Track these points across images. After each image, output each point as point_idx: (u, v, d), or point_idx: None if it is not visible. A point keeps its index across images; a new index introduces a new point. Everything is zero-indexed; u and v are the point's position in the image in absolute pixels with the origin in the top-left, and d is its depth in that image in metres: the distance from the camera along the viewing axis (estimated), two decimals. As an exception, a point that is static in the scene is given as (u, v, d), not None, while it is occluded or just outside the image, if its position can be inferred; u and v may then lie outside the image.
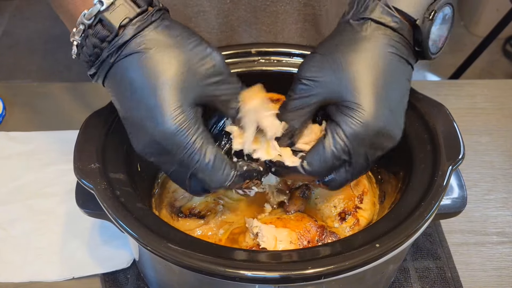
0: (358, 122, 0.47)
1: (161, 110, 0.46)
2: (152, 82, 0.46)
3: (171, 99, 0.46)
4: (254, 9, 0.79)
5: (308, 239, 0.57)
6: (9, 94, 0.89)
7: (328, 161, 0.49)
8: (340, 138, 0.48)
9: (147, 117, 0.46)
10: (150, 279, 0.63)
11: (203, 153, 0.47)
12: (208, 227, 0.60)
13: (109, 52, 0.47)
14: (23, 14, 2.46)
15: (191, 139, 0.46)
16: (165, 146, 0.47)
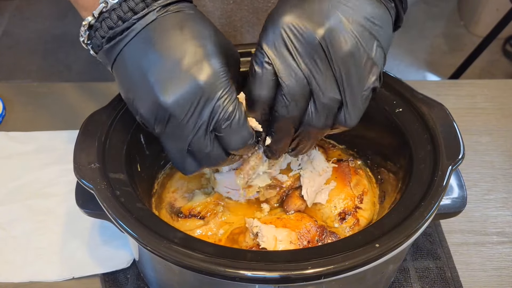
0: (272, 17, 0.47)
1: (205, 59, 0.46)
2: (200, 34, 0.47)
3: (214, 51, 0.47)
4: (255, 10, 0.79)
5: (308, 239, 0.57)
6: (9, 94, 0.89)
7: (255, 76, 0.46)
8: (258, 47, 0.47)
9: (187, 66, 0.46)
10: (150, 279, 0.63)
11: (237, 107, 0.47)
12: (208, 227, 0.60)
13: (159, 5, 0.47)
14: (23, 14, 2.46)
15: (228, 90, 0.46)
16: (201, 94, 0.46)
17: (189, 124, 0.47)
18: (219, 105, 0.46)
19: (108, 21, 0.48)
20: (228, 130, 0.47)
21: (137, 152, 0.60)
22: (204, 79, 0.45)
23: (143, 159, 0.61)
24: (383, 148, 0.64)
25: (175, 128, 0.47)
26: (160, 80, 0.46)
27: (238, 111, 0.47)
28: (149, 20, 0.47)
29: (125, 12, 0.47)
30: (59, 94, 0.90)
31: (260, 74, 0.46)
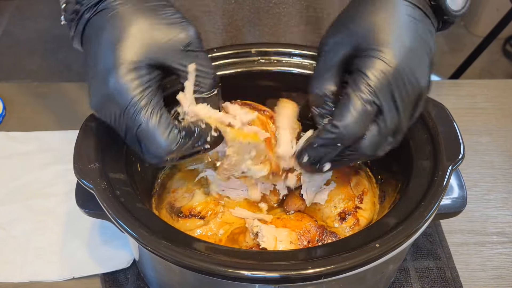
0: (379, 60, 0.47)
1: (115, 63, 0.46)
2: (115, 35, 0.47)
3: (126, 54, 0.46)
4: (257, 10, 0.80)
5: (308, 239, 0.57)
6: (9, 94, 0.89)
7: (358, 107, 0.47)
8: (363, 81, 0.47)
9: (103, 70, 0.47)
10: (150, 279, 0.63)
11: (148, 113, 0.47)
12: (208, 227, 0.60)
13: (87, 7, 0.48)
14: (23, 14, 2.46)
15: (136, 96, 0.46)
16: (113, 101, 0.47)
17: (118, 128, 0.49)
18: (128, 114, 0.46)
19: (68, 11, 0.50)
20: (143, 139, 0.47)
21: (137, 152, 0.60)
22: (110, 89, 0.46)
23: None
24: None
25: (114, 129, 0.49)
26: (89, 85, 0.50)
27: (153, 118, 0.46)
28: (83, 24, 0.49)
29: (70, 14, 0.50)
30: (59, 94, 0.90)
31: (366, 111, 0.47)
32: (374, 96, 0.47)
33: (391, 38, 0.48)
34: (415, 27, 0.49)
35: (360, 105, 0.47)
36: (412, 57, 0.48)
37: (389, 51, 0.47)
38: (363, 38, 0.49)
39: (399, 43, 0.48)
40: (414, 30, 0.49)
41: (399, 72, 0.47)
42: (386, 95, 0.47)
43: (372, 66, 0.47)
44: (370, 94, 0.47)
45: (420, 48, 0.49)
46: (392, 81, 0.47)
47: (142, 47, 0.47)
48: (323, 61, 0.52)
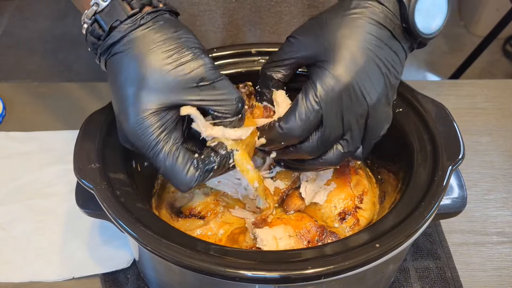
0: (329, 74, 0.50)
1: (129, 110, 0.48)
2: (128, 81, 0.48)
3: (139, 100, 0.47)
4: (258, 9, 0.80)
5: (308, 239, 0.57)
6: (9, 94, 0.89)
7: (302, 114, 0.50)
8: (312, 91, 0.50)
9: (121, 114, 0.49)
10: (150, 279, 0.63)
11: (165, 155, 0.48)
12: (208, 227, 0.60)
13: (101, 50, 0.49)
14: (23, 14, 2.46)
15: (153, 141, 0.48)
16: (134, 143, 0.49)
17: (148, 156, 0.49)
18: (147, 157, 0.48)
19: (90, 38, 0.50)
20: (166, 176, 0.49)
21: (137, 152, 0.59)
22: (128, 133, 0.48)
23: (143, 159, 0.61)
24: (383, 148, 0.64)
25: None
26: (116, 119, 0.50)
27: (168, 159, 0.48)
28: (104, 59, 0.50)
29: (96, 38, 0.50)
30: (59, 94, 0.90)
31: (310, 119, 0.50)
32: (319, 107, 0.50)
33: (346, 55, 0.50)
34: (375, 47, 0.51)
35: (305, 113, 0.50)
36: (362, 76, 0.50)
37: (341, 67, 0.50)
38: (323, 50, 0.51)
39: (352, 61, 0.50)
40: (372, 50, 0.51)
41: (346, 88, 0.50)
42: (330, 108, 0.50)
43: (322, 79, 0.50)
44: (316, 104, 0.50)
45: (374, 68, 0.51)
46: (338, 96, 0.50)
47: (156, 93, 0.47)
48: (285, 50, 0.56)
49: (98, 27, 0.49)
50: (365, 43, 0.50)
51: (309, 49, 0.53)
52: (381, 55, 0.51)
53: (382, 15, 0.51)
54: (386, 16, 0.51)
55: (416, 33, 0.52)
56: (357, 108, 0.51)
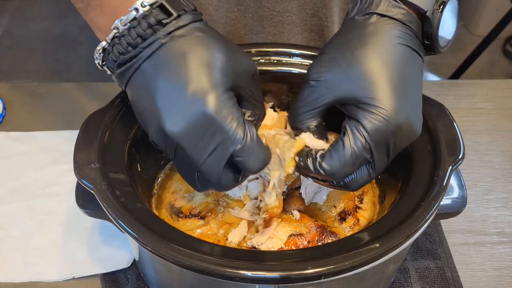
0: (380, 117, 0.46)
1: (212, 84, 0.45)
2: (205, 58, 0.46)
3: (221, 77, 0.46)
4: (260, 18, 0.79)
5: (308, 239, 0.57)
6: (9, 94, 0.89)
7: (348, 160, 0.47)
8: (361, 135, 0.47)
9: (195, 92, 0.45)
10: (150, 279, 0.63)
11: (249, 128, 0.47)
12: (208, 227, 0.60)
13: (164, 32, 0.46)
14: (23, 14, 2.46)
15: (235, 115, 0.46)
16: (209, 121, 0.45)
17: (198, 153, 0.46)
18: (227, 132, 0.45)
19: (119, 47, 0.48)
20: (244, 153, 0.46)
21: (137, 152, 0.60)
22: (210, 109, 0.45)
23: (143, 159, 0.61)
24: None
25: (184, 155, 0.47)
26: (165, 109, 0.46)
27: (249, 132, 0.46)
28: (154, 48, 0.46)
29: (133, 39, 0.47)
30: (59, 94, 0.90)
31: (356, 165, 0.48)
32: (369, 150, 0.47)
33: (389, 86, 0.47)
34: (413, 71, 0.49)
35: (351, 159, 0.47)
36: (410, 110, 0.48)
37: (388, 101, 0.46)
38: (358, 87, 0.47)
39: (395, 95, 0.47)
40: (411, 75, 0.49)
41: (398, 127, 0.47)
42: (380, 148, 0.48)
43: (370, 117, 0.47)
44: (366, 151, 0.47)
45: (417, 96, 0.49)
46: (389, 137, 0.47)
47: (228, 72, 0.47)
48: (310, 98, 0.50)
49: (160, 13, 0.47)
50: (402, 70, 0.48)
51: (340, 90, 0.48)
52: (417, 78, 0.50)
53: (408, 36, 0.49)
54: (411, 37, 0.49)
55: (437, 49, 0.51)
56: (405, 140, 0.49)
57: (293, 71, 0.67)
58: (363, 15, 0.50)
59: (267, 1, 0.77)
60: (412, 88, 0.49)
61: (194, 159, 0.47)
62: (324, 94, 0.49)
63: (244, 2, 0.77)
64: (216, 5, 0.77)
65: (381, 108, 0.46)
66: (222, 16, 0.78)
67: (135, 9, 0.47)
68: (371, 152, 0.47)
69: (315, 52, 0.67)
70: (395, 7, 0.49)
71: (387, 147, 0.48)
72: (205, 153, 0.46)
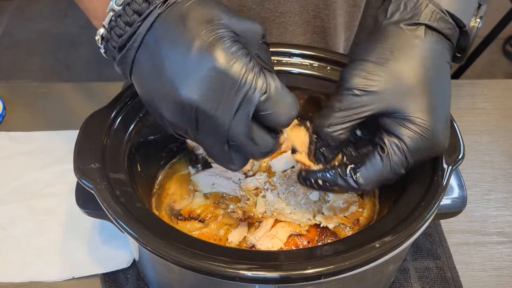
0: (420, 135, 0.46)
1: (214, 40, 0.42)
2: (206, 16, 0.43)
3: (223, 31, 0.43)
4: (263, 20, 0.79)
5: (308, 239, 0.57)
6: (9, 94, 0.89)
7: (385, 175, 0.47)
8: (401, 152, 0.47)
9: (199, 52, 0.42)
10: (150, 279, 0.63)
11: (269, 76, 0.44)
12: (208, 229, 0.60)
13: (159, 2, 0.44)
14: (23, 14, 2.46)
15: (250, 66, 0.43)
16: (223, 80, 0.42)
17: (222, 115, 0.43)
18: (247, 84, 0.42)
19: (117, 29, 0.45)
20: (271, 104, 0.43)
21: (137, 152, 0.60)
22: (219, 63, 0.42)
23: (143, 159, 0.61)
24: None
25: (207, 123, 0.44)
26: (176, 76, 0.43)
27: (271, 80, 0.43)
28: (151, 20, 0.44)
29: (130, 16, 0.45)
30: (59, 94, 0.90)
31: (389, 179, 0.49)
32: (406, 167, 0.48)
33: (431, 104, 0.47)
34: (448, 89, 0.49)
35: (390, 171, 0.48)
36: (445, 126, 0.48)
37: (428, 119, 0.47)
38: (405, 103, 0.47)
39: (437, 112, 0.47)
40: (447, 92, 0.49)
41: (434, 144, 0.48)
42: (413, 163, 0.48)
43: (412, 134, 0.47)
44: (403, 165, 0.48)
45: (448, 113, 0.49)
46: (425, 152, 0.48)
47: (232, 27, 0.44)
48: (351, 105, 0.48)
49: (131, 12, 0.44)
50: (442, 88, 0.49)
51: (386, 102, 0.47)
52: (449, 95, 0.50)
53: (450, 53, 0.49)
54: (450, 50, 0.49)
55: (463, 61, 0.51)
56: (433, 155, 0.50)
57: (293, 71, 0.67)
58: (410, 24, 0.48)
59: (269, 3, 0.77)
60: (447, 105, 0.49)
61: (219, 124, 0.43)
62: (369, 105, 0.47)
63: (246, 4, 0.77)
64: None
65: (422, 126, 0.46)
66: None
67: None
68: (407, 168, 0.48)
69: (315, 52, 0.67)
70: (443, 21, 0.48)
71: (420, 158, 0.48)
72: (230, 114, 0.43)
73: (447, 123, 0.49)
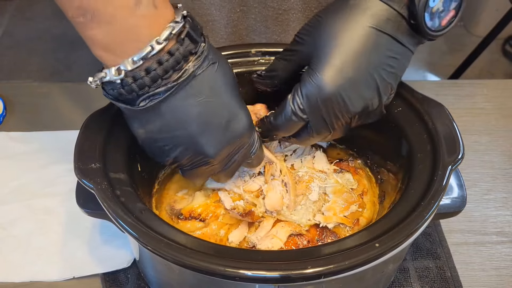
0: (313, 83, 0.51)
1: (244, 109, 0.52)
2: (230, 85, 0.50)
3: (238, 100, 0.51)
4: (265, 18, 0.79)
5: (308, 239, 0.57)
6: (10, 94, 0.89)
7: (288, 116, 0.53)
8: (298, 96, 0.52)
9: (233, 115, 0.50)
10: (150, 279, 0.63)
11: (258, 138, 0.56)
12: (208, 228, 0.60)
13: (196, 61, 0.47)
14: (23, 14, 2.46)
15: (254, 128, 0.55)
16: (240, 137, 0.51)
17: (220, 165, 0.52)
18: (251, 144, 0.54)
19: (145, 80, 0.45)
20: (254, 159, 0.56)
21: (138, 152, 0.60)
22: (246, 129, 0.51)
23: (143, 159, 0.61)
24: (383, 148, 0.64)
25: (204, 168, 0.52)
26: (203, 134, 0.49)
27: (258, 142, 0.55)
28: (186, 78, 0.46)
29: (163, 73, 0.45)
30: (59, 94, 0.90)
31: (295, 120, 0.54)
32: (303, 112, 0.52)
33: (336, 64, 0.50)
34: (370, 55, 0.51)
35: (290, 115, 0.53)
36: (348, 86, 0.51)
37: (327, 76, 0.50)
38: (317, 50, 0.52)
39: (340, 71, 0.50)
40: (366, 57, 0.50)
41: (329, 98, 0.51)
42: (314, 112, 0.52)
43: (307, 87, 0.51)
44: (300, 111, 0.52)
45: (364, 77, 0.51)
46: (322, 104, 0.51)
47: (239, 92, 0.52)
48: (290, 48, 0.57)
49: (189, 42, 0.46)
50: (359, 51, 0.50)
51: (308, 49, 0.54)
52: (376, 61, 0.51)
53: (384, 18, 0.50)
54: (389, 18, 0.50)
55: (424, 31, 0.51)
56: (341, 114, 0.52)
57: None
58: None
59: (272, 1, 0.77)
60: (362, 68, 0.51)
61: (212, 170, 0.53)
62: (297, 50, 0.56)
63: (247, 3, 0.77)
64: (218, 5, 0.77)
65: (318, 76, 0.51)
66: (224, 16, 0.78)
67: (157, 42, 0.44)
68: (306, 114, 0.52)
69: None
70: None
71: (321, 113, 0.52)
72: (227, 165, 0.53)
73: (354, 86, 0.51)
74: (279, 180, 0.61)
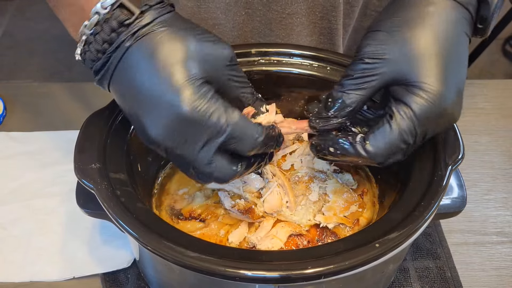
0: (428, 102, 0.46)
1: (186, 80, 0.45)
2: (175, 55, 0.45)
3: (195, 71, 0.46)
4: (269, 21, 0.79)
5: (308, 239, 0.57)
6: (10, 94, 0.89)
7: (394, 143, 0.47)
8: (409, 118, 0.46)
9: (166, 96, 0.45)
10: (150, 279, 0.63)
11: (231, 113, 0.46)
12: (208, 229, 0.60)
13: (128, 34, 0.46)
14: (23, 14, 2.46)
15: (215, 107, 0.45)
16: (190, 120, 0.45)
17: (187, 152, 0.46)
18: (210, 126, 0.45)
19: (89, 54, 0.47)
20: (234, 140, 0.46)
21: (138, 152, 0.60)
22: (186, 109, 0.44)
23: (143, 159, 0.61)
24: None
25: (174, 155, 0.47)
26: (144, 114, 0.46)
27: (234, 117, 0.46)
28: (121, 53, 0.46)
29: (101, 44, 0.46)
30: (59, 94, 0.90)
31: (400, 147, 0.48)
32: (414, 134, 0.47)
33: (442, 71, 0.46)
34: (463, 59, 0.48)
35: (398, 138, 0.47)
36: (456, 96, 0.47)
37: (438, 86, 0.46)
38: (414, 70, 0.47)
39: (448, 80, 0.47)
40: (462, 62, 0.48)
41: (442, 111, 0.47)
42: (422, 132, 0.47)
43: (420, 101, 0.46)
44: (411, 132, 0.47)
45: (462, 84, 0.48)
46: (433, 120, 0.47)
47: (200, 65, 0.46)
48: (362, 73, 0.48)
49: (121, 12, 0.46)
50: (455, 57, 0.48)
51: (395, 70, 0.47)
52: (465, 65, 0.49)
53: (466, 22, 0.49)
54: (468, 22, 0.49)
55: (487, 33, 0.50)
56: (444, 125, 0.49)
57: (293, 71, 0.67)
58: None
59: (276, 4, 0.76)
60: (460, 75, 0.48)
61: (185, 158, 0.47)
62: (381, 73, 0.48)
63: (252, 5, 0.77)
64: (224, 8, 0.77)
65: (430, 92, 0.46)
66: (229, 19, 0.78)
67: (96, 12, 0.46)
68: (415, 136, 0.47)
69: (316, 53, 0.67)
70: None
71: (426, 131, 0.48)
72: (194, 151, 0.46)
73: (459, 94, 0.48)
74: (273, 182, 0.60)
